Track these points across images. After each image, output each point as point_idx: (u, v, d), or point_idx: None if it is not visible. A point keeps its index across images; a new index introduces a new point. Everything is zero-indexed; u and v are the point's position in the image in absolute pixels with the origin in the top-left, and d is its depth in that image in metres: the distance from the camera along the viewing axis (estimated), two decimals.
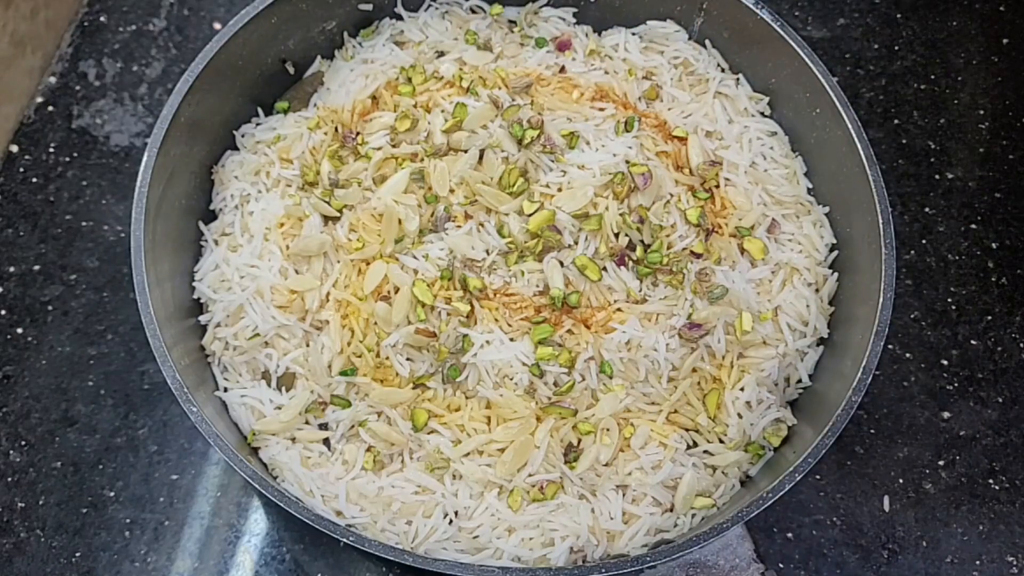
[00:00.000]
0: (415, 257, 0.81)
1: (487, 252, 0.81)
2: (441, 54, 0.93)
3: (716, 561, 0.79)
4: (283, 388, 0.82)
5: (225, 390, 0.83)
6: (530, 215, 0.81)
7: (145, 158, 0.80)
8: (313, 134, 0.89)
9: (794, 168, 0.91)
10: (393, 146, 0.86)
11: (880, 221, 0.81)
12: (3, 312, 0.96)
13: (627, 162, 0.83)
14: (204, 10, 1.13)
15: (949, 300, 1.02)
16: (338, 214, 0.84)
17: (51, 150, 1.04)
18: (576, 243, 0.81)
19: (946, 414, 0.97)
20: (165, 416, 0.92)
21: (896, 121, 1.11)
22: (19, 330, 0.95)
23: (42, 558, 0.87)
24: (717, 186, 0.87)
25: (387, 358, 0.79)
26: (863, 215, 0.83)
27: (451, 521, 0.77)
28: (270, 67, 0.92)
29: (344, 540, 0.70)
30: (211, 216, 0.90)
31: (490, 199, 0.81)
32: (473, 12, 0.96)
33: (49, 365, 0.94)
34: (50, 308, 0.96)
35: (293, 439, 0.81)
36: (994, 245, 1.05)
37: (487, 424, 0.79)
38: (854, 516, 0.92)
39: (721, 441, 0.82)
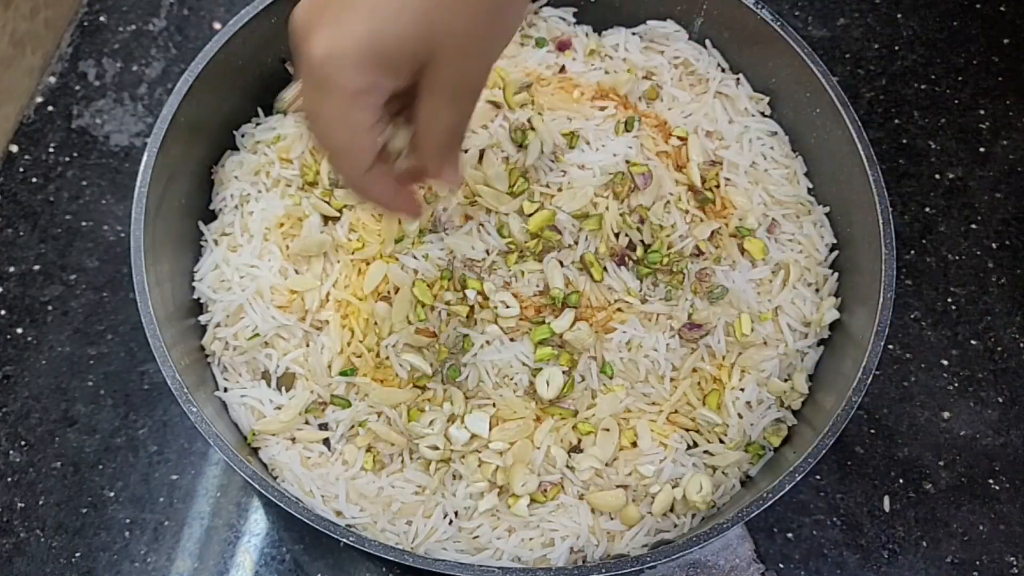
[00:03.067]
0: (415, 257, 0.81)
1: (487, 252, 0.81)
2: None
3: (716, 561, 0.78)
4: (283, 388, 0.82)
5: (225, 390, 0.83)
6: (530, 215, 0.81)
7: (145, 158, 0.80)
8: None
9: (794, 168, 0.91)
10: None
11: (880, 221, 0.81)
12: (3, 312, 0.96)
13: (627, 162, 0.83)
14: (204, 10, 1.13)
15: (949, 300, 1.02)
16: (338, 214, 0.84)
17: (51, 150, 1.04)
18: (576, 243, 0.81)
19: (946, 414, 0.97)
20: (165, 416, 0.92)
21: (896, 121, 1.11)
22: (19, 330, 0.95)
23: (42, 558, 0.87)
24: (717, 186, 0.87)
25: (387, 358, 0.79)
26: (863, 215, 0.83)
27: (451, 521, 0.77)
28: (270, 67, 0.92)
29: (344, 540, 0.70)
30: (211, 216, 0.90)
31: (490, 199, 0.81)
32: None
33: (49, 365, 0.94)
34: (50, 308, 0.96)
35: (293, 439, 0.81)
36: (994, 245, 1.05)
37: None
38: (854, 516, 0.92)
39: (721, 441, 0.82)
